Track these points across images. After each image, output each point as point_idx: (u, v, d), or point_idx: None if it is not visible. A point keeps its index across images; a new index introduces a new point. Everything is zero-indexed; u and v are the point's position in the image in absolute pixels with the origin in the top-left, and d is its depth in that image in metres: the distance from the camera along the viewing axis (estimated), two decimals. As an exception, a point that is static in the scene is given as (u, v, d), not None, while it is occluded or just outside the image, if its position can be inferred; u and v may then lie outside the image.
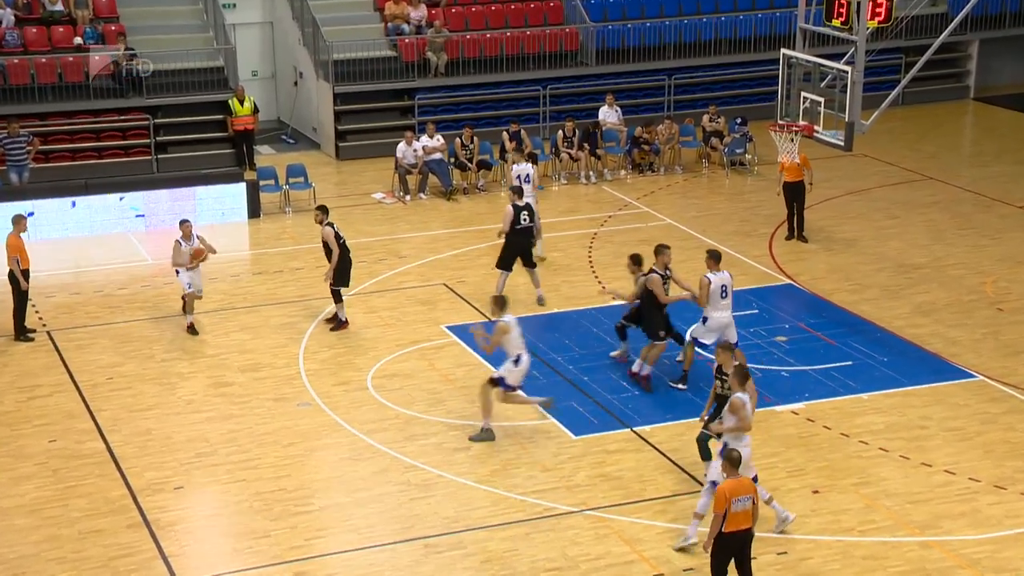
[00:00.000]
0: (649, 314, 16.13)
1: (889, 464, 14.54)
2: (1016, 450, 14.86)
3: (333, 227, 17.95)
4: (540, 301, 18.83)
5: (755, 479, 12.62)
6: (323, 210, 18.11)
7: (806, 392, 16.15)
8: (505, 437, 15.12)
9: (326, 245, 17.92)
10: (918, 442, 14.99)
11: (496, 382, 14.83)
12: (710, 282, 15.75)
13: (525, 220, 18.60)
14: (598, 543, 13.01)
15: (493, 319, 15.29)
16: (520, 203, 18.64)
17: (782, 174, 21.21)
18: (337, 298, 18.01)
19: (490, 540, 13.08)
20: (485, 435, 14.94)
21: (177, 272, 18.10)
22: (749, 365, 16.76)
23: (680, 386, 16.16)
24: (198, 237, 18.11)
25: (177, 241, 18.07)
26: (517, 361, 14.85)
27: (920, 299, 19.22)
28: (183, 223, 18.22)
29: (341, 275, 17.92)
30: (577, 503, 13.76)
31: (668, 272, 16.08)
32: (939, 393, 16.16)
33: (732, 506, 11.36)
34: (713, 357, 15.65)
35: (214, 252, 18.31)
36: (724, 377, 13.51)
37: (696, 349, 16.10)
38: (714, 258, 15.93)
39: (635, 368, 16.29)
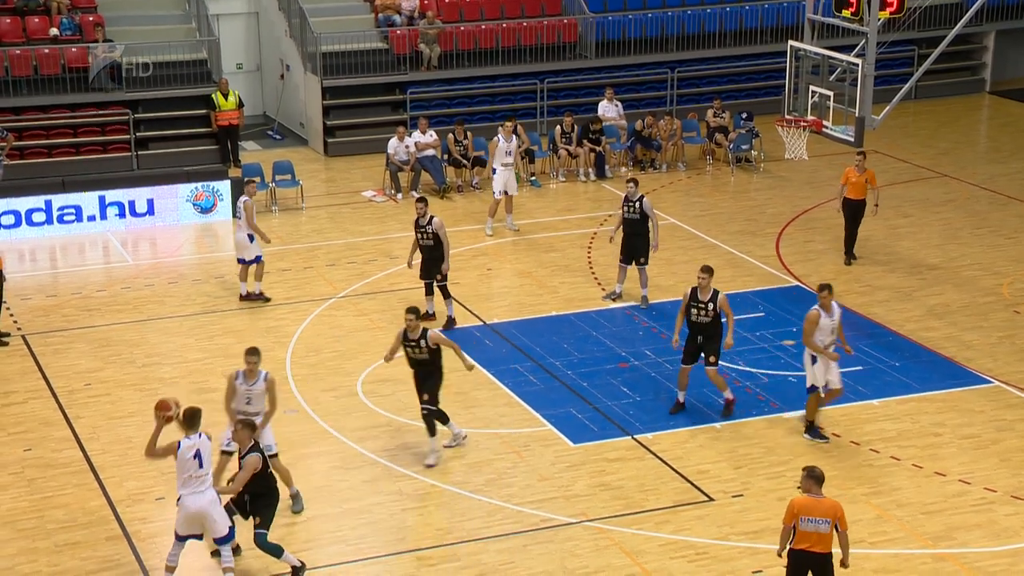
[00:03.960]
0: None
1: (901, 473, 14.58)
2: (1033, 458, 14.92)
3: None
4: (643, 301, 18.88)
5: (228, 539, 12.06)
6: (426, 202, 18.04)
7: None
8: (501, 445, 15.16)
9: (436, 237, 17.81)
10: (931, 450, 15.04)
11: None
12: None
13: (628, 211, 18.58)
14: (598, 555, 13.05)
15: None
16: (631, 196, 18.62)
17: (844, 188, 20.19)
18: (446, 293, 18.08)
19: (485, 552, 13.10)
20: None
21: (250, 238, 18.74)
22: (755, 371, 16.87)
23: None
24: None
25: (248, 201, 18.80)
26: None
27: (933, 301, 19.27)
28: (248, 182, 19.28)
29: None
30: (576, 514, 13.79)
31: None
32: (953, 399, 16.21)
33: (800, 524, 11.24)
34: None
35: (267, 241, 19.22)
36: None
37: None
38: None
39: (730, 395, 15.79)
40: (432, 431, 14.58)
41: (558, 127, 25.07)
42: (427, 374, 14.55)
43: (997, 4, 30.19)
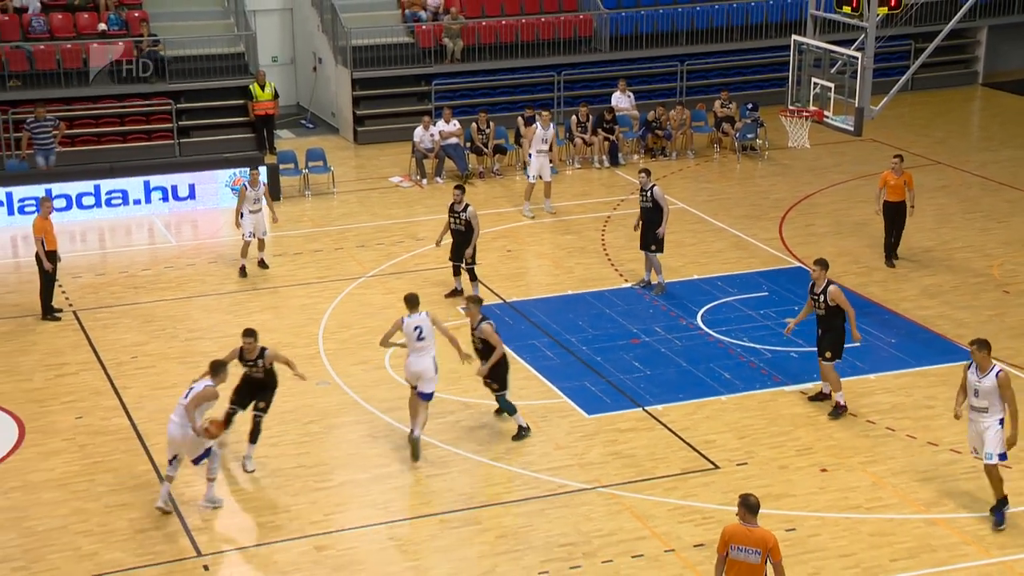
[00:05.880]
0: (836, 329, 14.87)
1: (896, 443, 14.56)
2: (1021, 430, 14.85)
3: None
4: (658, 288, 18.58)
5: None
6: (463, 190, 18.03)
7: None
8: (520, 416, 15.18)
9: (468, 224, 17.81)
10: (925, 421, 15.02)
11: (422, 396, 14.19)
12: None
13: (642, 200, 18.38)
14: (611, 519, 13.09)
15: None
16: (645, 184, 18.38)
17: (882, 191, 19.31)
18: (472, 275, 18.18)
19: (505, 516, 13.16)
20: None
21: (241, 215, 19.06)
22: (759, 346, 16.86)
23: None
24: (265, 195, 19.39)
25: (244, 185, 19.23)
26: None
27: (927, 282, 19.20)
28: (253, 170, 19.52)
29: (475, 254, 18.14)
30: (590, 480, 13.82)
31: None
32: (946, 374, 16.15)
33: (731, 552, 10.29)
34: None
35: (276, 221, 19.78)
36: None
37: None
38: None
39: (841, 400, 15.09)
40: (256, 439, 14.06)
41: (574, 117, 25.01)
42: (260, 388, 13.99)
43: (990, 0, 29.97)
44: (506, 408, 14.64)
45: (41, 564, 12.38)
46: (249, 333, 13.80)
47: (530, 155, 21.93)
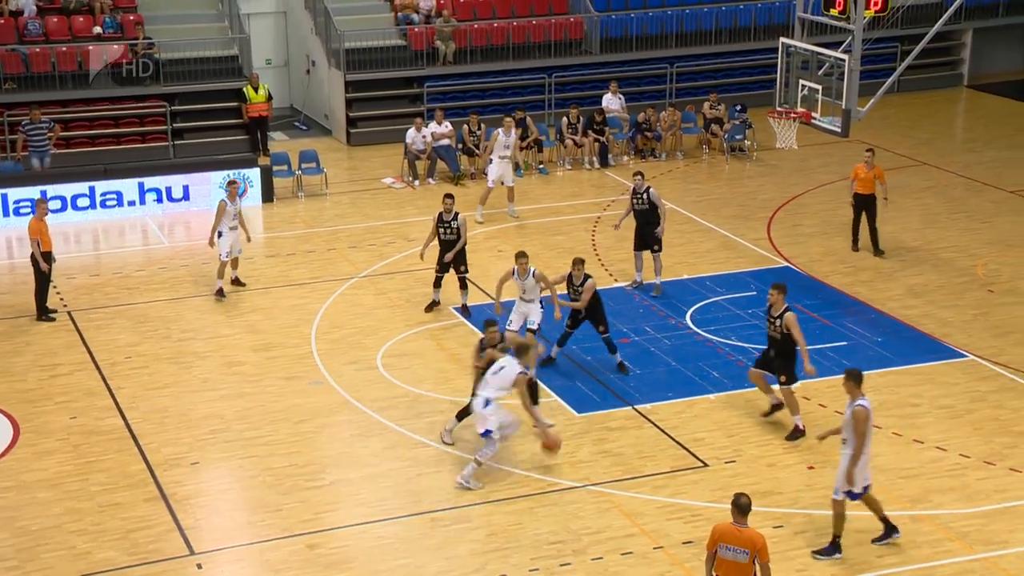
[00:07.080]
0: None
1: (882, 440, 14.52)
2: (1004, 427, 14.87)
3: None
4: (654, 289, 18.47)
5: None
6: (453, 199, 17.80)
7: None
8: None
9: (459, 232, 17.65)
10: (910, 419, 15.00)
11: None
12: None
13: (637, 203, 18.27)
14: (599, 517, 13.05)
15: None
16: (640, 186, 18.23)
17: (853, 183, 19.77)
18: (463, 284, 17.93)
19: (495, 514, 13.12)
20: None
21: (220, 234, 18.34)
22: (746, 345, 16.83)
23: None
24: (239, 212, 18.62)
25: (223, 201, 18.42)
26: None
27: (913, 281, 19.20)
28: (231, 183, 18.74)
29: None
30: (580, 478, 13.78)
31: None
32: (931, 372, 16.15)
33: (719, 551, 10.28)
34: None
35: (248, 240, 19.00)
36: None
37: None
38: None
39: (800, 424, 14.50)
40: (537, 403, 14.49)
41: (564, 118, 24.97)
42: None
43: (974, 4, 29.99)
44: (610, 347, 16.04)
45: (34, 563, 12.31)
46: (492, 323, 14.40)
47: (491, 160, 21.79)
